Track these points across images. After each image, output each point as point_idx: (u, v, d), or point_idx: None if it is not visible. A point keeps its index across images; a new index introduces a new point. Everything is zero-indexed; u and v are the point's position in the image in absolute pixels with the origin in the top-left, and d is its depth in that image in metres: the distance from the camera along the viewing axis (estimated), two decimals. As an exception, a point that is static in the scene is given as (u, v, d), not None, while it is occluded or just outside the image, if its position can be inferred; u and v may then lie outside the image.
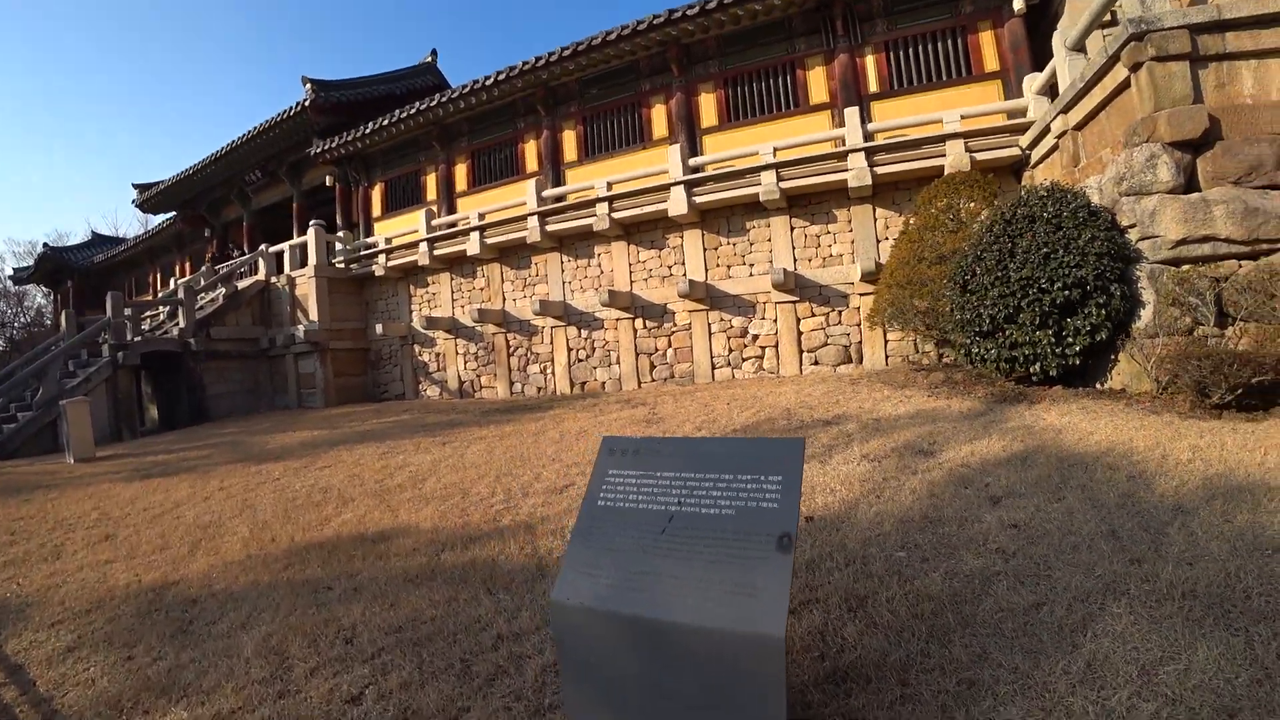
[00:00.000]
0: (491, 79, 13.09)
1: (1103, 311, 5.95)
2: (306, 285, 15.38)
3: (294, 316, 15.68)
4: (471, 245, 13.39)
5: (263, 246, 16.91)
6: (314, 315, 15.07)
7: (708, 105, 12.12)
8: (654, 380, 11.85)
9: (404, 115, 14.43)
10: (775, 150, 10.57)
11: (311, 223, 15.67)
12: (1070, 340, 6.06)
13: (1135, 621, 2.55)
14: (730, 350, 11.33)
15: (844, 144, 10.32)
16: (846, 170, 10.14)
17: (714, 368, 11.41)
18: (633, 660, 2.12)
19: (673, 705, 2.06)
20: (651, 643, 2.06)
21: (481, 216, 13.53)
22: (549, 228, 12.51)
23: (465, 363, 14.15)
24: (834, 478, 4.62)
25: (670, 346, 11.79)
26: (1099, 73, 6.96)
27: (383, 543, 4.71)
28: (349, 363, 15.56)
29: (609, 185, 11.90)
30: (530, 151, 14.00)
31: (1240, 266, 5.94)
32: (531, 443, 7.30)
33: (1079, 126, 7.84)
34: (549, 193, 12.78)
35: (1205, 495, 3.61)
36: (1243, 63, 6.24)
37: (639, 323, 12.05)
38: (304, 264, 15.77)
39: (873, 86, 11.01)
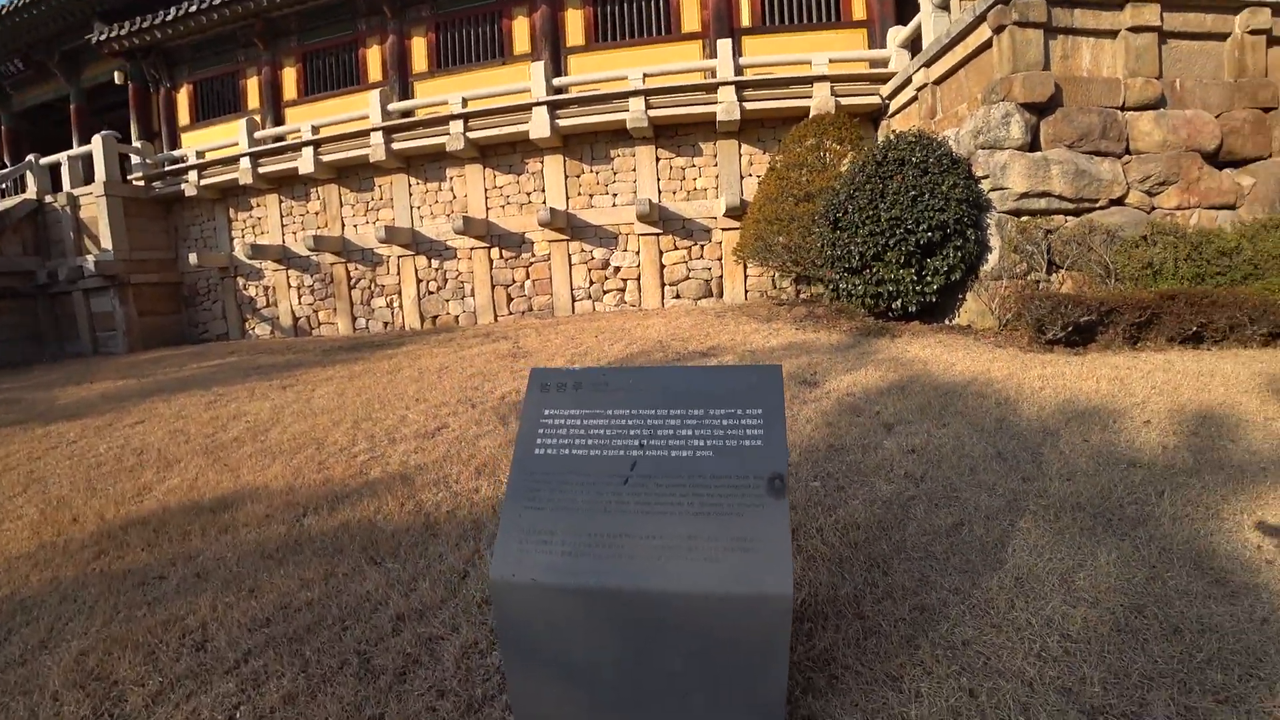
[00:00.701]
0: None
1: (959, 254, 6.38)
2: (95, 206, 12.51)
3: (80, 245, 12.79)
4: (304, 163, 11.61)
5: (31, 157, 13.50)
6: (107, 243, 12.32)
7: (575, 22, 11.32)
8: (511, 314, 11.26)
9: (218, 1, 12.04)
10: (645, 76, 10.14)
11: (102, 133, 12.77)
12: (929, 279, 6.46)
13: (1043, 535, 2.72)
14: (591, 282, 11.00)
15: (715, 76, 10.13)
16: (716, 103, 9.99)
17: (574, 300, 11.05)
18: (605, 641, 1.74)
19: (654, 688, 1.74)
20: (629, 618, 1.70)
21: (316, 130, 11.70)
22: (395, 146, 11.14)
23: (300, 297, 12.49)
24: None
25: (529, 278, 11.21)
26: (964, 31, 7.31)
27: (225, 511, 3.77)
28: (157, 300, 13.03)
29: (464, 102, 10.78)
30: (374, 58, 12.30)
31: (1067, 221, 6.62)
32: (388, 382, 6.53)
33: (939, 81, 8.26)
34: (396, 106, 11.33)
35: (1063, 418, 3.97)
36: (1084, 39, 6.84)
37: (495, 253, 11.28)
38: (90, 180, 12.82)
39: (745, 20, 10.86)
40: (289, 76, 12.95)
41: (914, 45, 9.50)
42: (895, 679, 1.98)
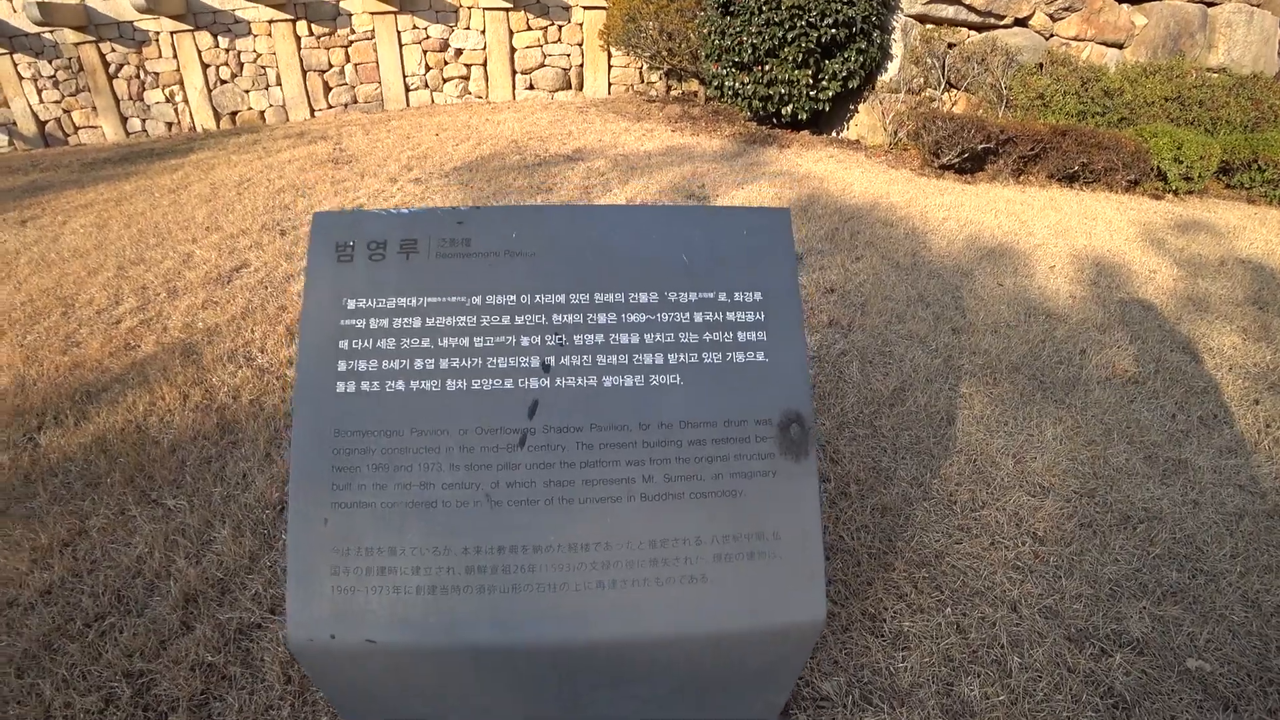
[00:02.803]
0: None
1: (860, 58, 5.62)
2: None
3: None
4: None
5: None
6: None
7: None
8: (331, 107, 8.89)
9: None
10: None
11: None
12: (825, 84, 5.69)
13: (986, 403, 2.37)
14: (428, 68, 8.86)
15: None
16: None
17: (408, 90, 8.92)
18: (513, 708, 1.00)
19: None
20: (552, 677, 0.97)
21: None
22: None
23: (40, 91, 8.72)
24: (607, 222, 3.70)
25: (349, 61, 8.75)
26: None
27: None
28: None
29: None
30: None
31: (970, 36, 6.02)
32: (169, 205, 4.77)
33: None
34: None
35: (974, 256, 3.63)
36: None
37: (303, 27, 8.52)
38: None
39: None
40: None
41: None
42: (874, 619, 1.49)
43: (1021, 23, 6.18)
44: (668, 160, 5.13)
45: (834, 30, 5.43)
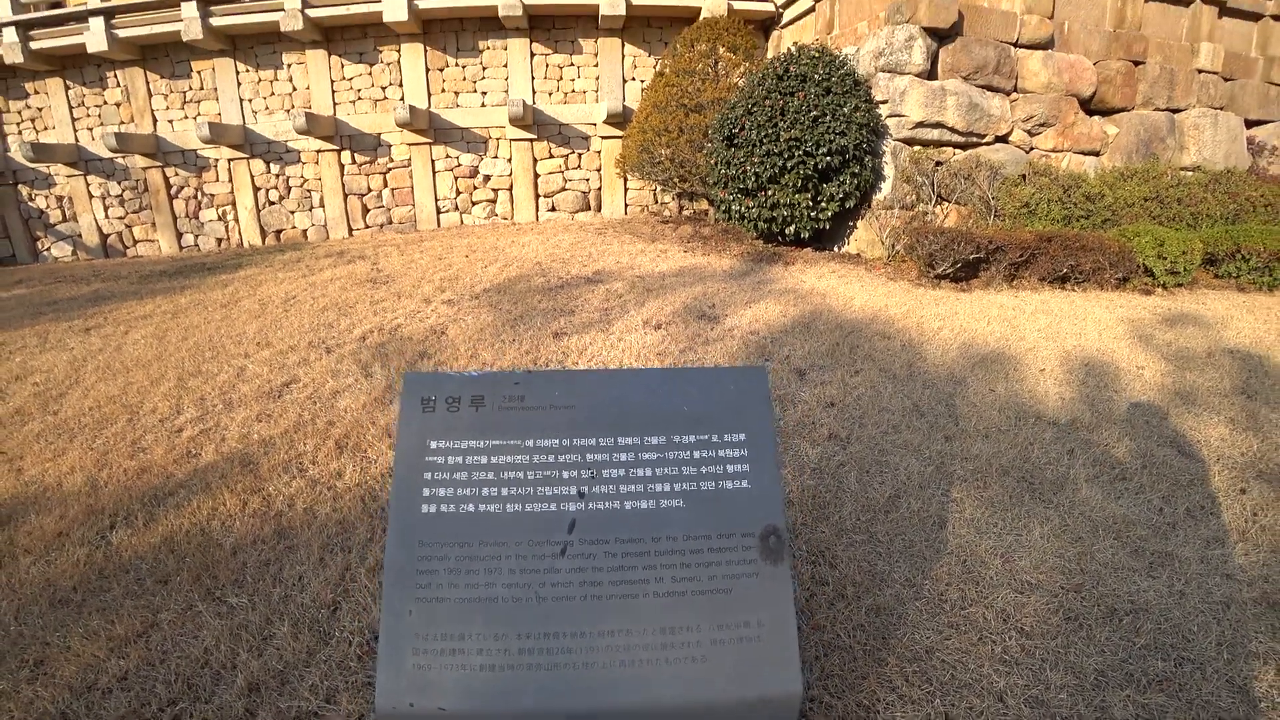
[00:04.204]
0: None
1: (854, 181, 6.17)
2: None
3: None
4: (93, 38, 8.91)
5: None
6: None
7: None
8: (368, 227, 9.86)
9: None
10: None
11: None
12: (824, 205, 6.23)
13: (977, 507, 2.57)
14: (459, 193, 9.83)
15: None
16: None
17: (439, 212, 9.86)
18: None
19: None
20: None
21: None
22: (216, 21, 8.85)
23: (107, 208, 9.98)
24: (627, 352, 4.09)
25: (387, 186, 9.79)
26: (873, -61, 6.83)
27: (-3, 531, 2.68)
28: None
29: None
30: None
31: (956, 154, 6.58)
32: (221, 319, 5.30)
33: (841, -8, 7.79)
34: None
35: (967, 364, 3.91)
36: None
37: (347, 156, 9.66)
38: None
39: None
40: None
41: (815, -51, 8.89)
42: (868, 710, 1.69)
43: (1002, 139, 6.75)
44: (681, 281, 5.59)
45: (829, 158, 6.02)
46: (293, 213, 9.86)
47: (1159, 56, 7.46)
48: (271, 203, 9.84)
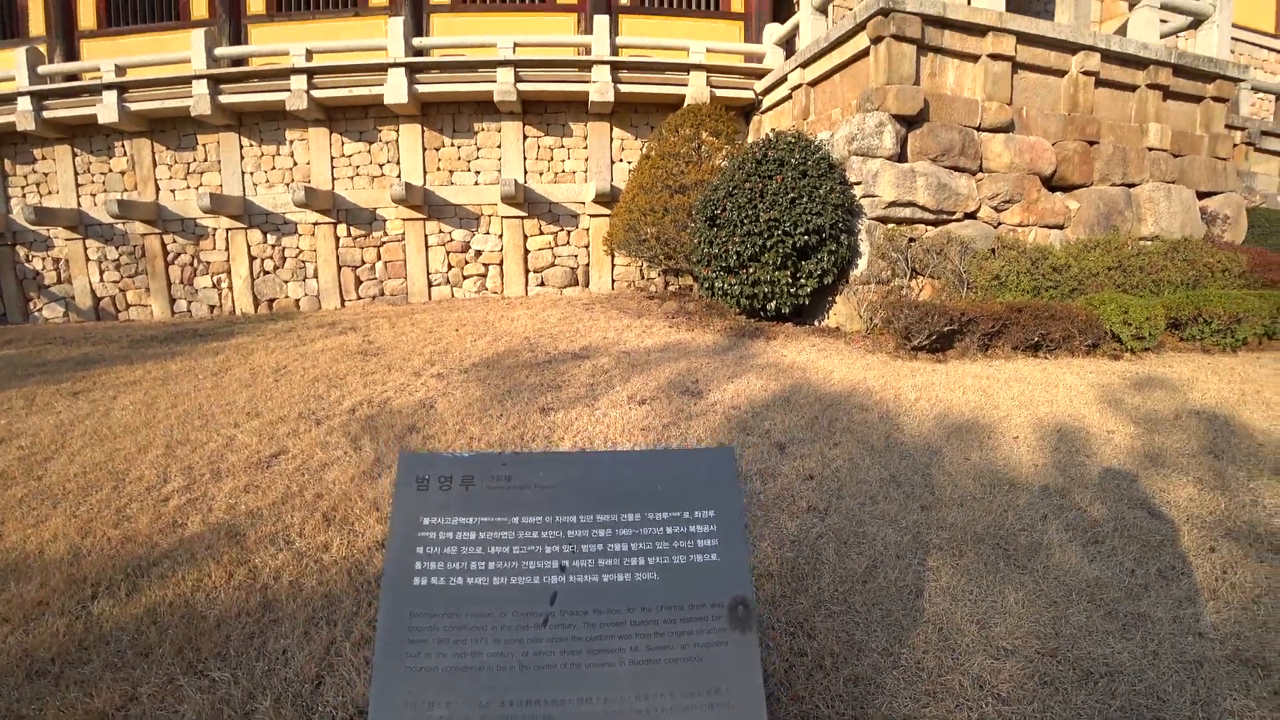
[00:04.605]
0: None
1: (832, 258, 6.46)
2: None
3: None
4: (105, 110, 9.43)
5: None
6: None
7: None
8: (360, 298, 10.14)
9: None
10: (515, 46, 9.42)
11: None
12: (804, 282, 6.49)
13: (953, 576, 2.65)
14: (450, 267, 10.17)
15: (589, 53, 9.63)
16: (590, 82, 9.51)
17: (431, 285, 10.16)
18: None
19: None
20: None
21: (121, 70, 9.58)
22: (224, 99, 9.39)
23: (102, 272, 10.29)
24: (612, 428, 4.22)
25: (380, 259, 10.13)
26: (843, 37, 7.38)
27: (-25, 602, 2.68)
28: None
29: (309, 54, 9.32)
30: None
31: (927, 231, 6.91)
32: (212, 387, 5.39)
33: (814, 83, 8.34)
34: (225, 51, 9.53)
35: (942, 434, 4.04)
36: (951, 60, 7.17)
37: (343, 229, 10.04)
38: None
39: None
40: (86, 1, 10.65)
41: (789, 44, 9.57)
42: (846, 782, 1.74)
43: (971, 216, 7.10)
44: (665, 357, 5.77)
45: (807, 237, 6.32)
46: (286, 282, 10.11)
47: (1111, 137, 7.95)
48: (266, 272, 10.11)
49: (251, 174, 10.01)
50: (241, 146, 10.00)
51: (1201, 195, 8.55)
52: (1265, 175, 12.04)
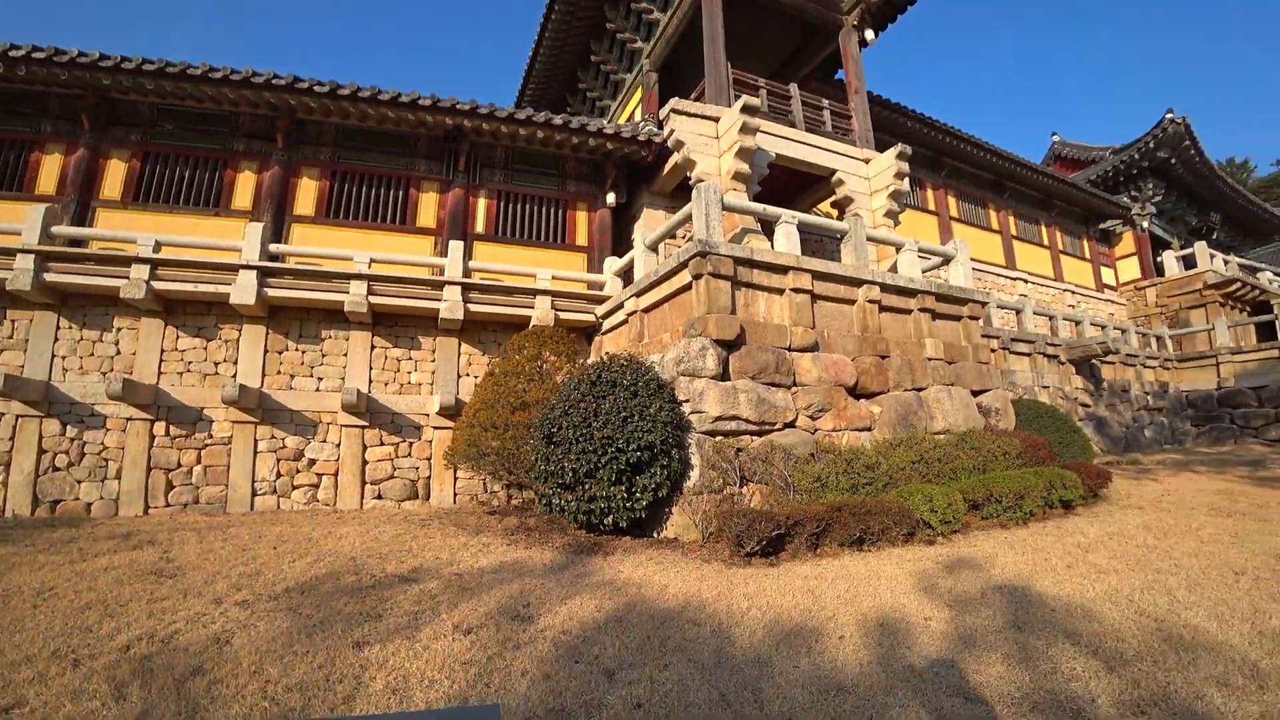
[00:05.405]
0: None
1: (665, 472, 6.70)
2: None
3: None
4: None
5: None
6: None
7: (307, 191, 10.68)
8: (170, 505, 8.93)
9: None
10: (371, 261, 9.82)
11: None
12: (639, 496, 6.62)
13: None
14: (280, 475, 9.41)
15: (443, 274, 10.23)
16: (441, 301, 10.00)
17: (255, 495, 9.25)
18: None
19: None
20: None
21: None
22: (50, 277, 8.75)
23: None
24: (431, 663, 3.83)
25: (200, 463, 9.14)
26: (669, 273, 8.46)
27: None
28: None
29: (157, 245, 9.10)
30: (50, 166, 9.88)
31: (753, 441, 7.45)
32: None
33: (647, 310, 9.29)
34: (64, 230, 9.00)
35: (772, 642, 4.02)
36: (761, 293, 8.36)
37: (160, 427, 9.06)
38: None
39: (480, 227, 11.41)
40: None
41: (627, 274, 10.75)
42: None
43: (790, 425, 7.77)
44: (499, 578, 5.48)
45: (639, 453, 6.56)
46: (80, 482, 8.78)
47: (899, 351, 9.30)
48: (56, 468, 8.76)
49: (64, 358, 9.11)
50: (59, 327, 9.20)
51: (976, 393, 9.99)
52: (1021, 372, 14.42)
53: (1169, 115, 20.54)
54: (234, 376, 9.48)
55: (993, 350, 13.61)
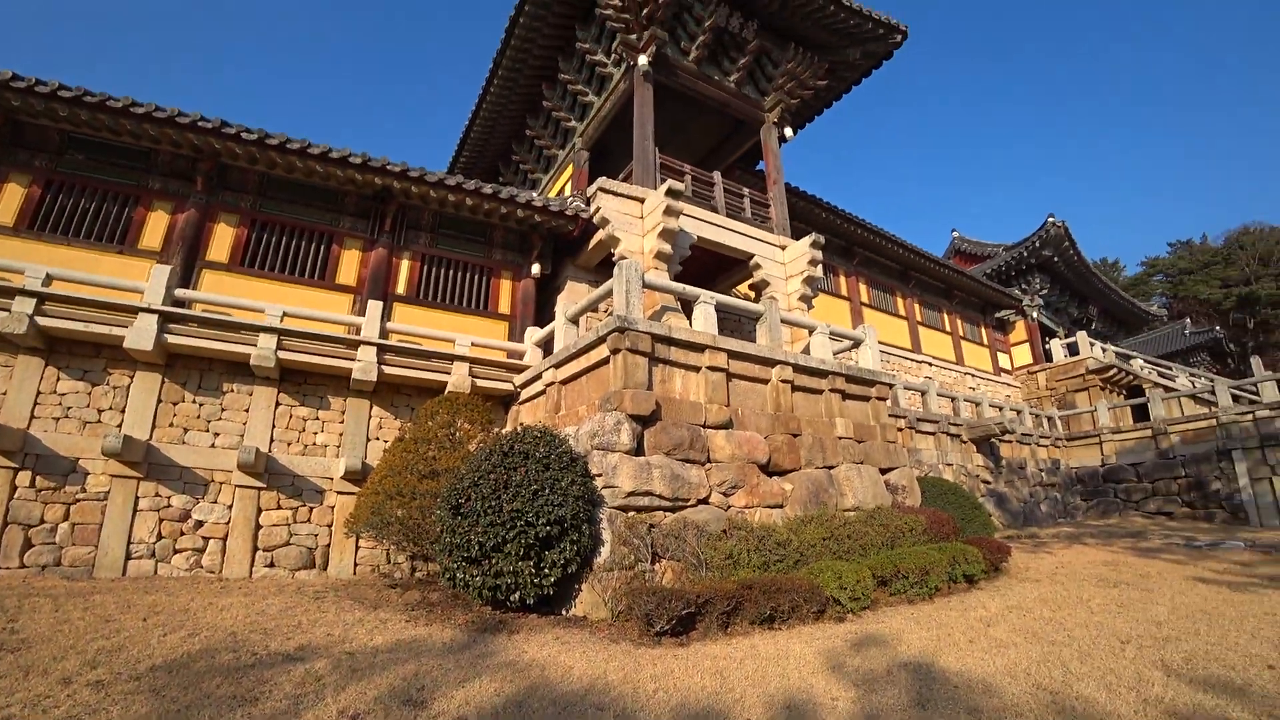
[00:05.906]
0: None
1: (575, 547, 6.54)
2: None
3: None
4: None
5: None
6: None
7: (223, 237, 10.28)
8: (25, 566, 7.86)
9: None
10: (285, 315, 9.43)
11: None
12: (548, 572, 6.41)
13: None
14: (160, 537, 8.54)
15: (360, 333, 9.92)
16: (355, 360, 9.66)
17: (130, 558, 8.32)
18: None
19: None
20: None
21: None
22: None
23: None
24: (305, 760, 3.50)
25: (68, 520, 8.17)
26: (588, 346, 8.51)
27: None
28: None
29: (48, 279, 8.39)
30: None
31: (666, 517, 7.41)
32: None
33: (565, 381, 9.25)
34: None
35: (675, 730, 3.88)
36: (678, 370, 8.51)
37: (25, 477, 8.12)
38: None
39: (401, 289, 11.23)
40: None
41: (548, 345, 10.73)
42: None
43: (704, 501, 7.78)
44: (394, 658, 5.12)
45: (549, 527, 6.39)
46: None
47: (810, 429, 9.56)
48: None
49: (-87, 394, 8.13)
50: (-92, 357, 8.23)
51: (884, 470, 10.34)
52: (926, 450, 15.06)
53: (1050, 219, 22.84)
54: (119, 426, 8.74)
55: (900, 429, 14.23)
